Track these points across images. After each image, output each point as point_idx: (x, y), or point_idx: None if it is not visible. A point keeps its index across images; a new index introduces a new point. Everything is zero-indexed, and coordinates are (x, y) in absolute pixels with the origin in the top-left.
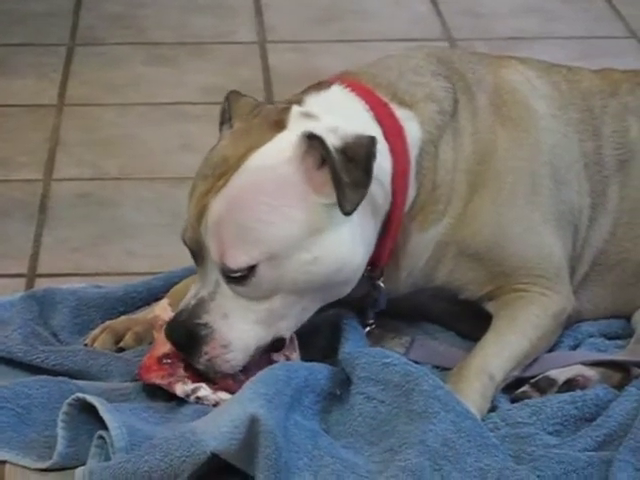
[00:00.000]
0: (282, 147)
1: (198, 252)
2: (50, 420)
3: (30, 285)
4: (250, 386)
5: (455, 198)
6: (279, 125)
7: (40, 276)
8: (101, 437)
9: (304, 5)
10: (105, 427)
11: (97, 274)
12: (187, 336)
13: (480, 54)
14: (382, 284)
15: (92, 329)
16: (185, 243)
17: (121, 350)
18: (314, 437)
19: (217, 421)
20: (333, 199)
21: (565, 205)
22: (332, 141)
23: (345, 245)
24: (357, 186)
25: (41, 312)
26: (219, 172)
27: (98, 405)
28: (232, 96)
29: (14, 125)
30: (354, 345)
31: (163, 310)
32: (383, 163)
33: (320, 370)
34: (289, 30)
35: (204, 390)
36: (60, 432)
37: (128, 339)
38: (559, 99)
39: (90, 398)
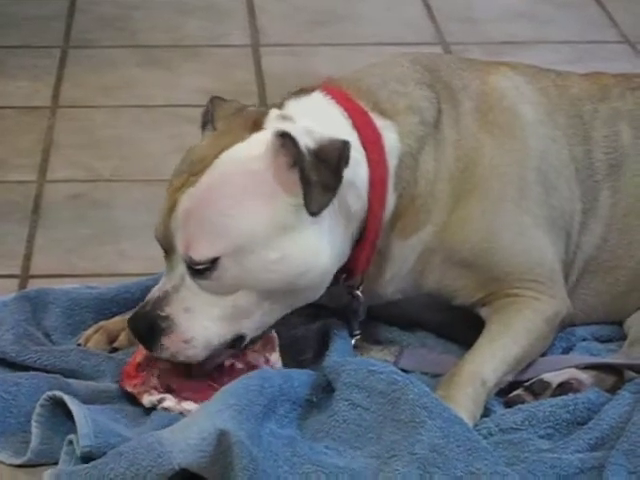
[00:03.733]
0: (255, 145)
1: (167, 246)
2: (33, 412)
3: (23, 286)
4: (220, 397)
5: (437, 207)
6: (256, 126)
7: (33, 277)
8: (71, 443)
9: (297, 8)
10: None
11: (90, 275)
12: (147, 327)
13: (469, 60)
14: (360, 294)
15: (85, 330)
16: (156, 238)
17: (115, 350)
18: (292, 444)
19: (185, 433)
20: (301, 199)
21: (555, 210)
22: (306, 142)
23: (311, 248)
24: (325, 188)
25: (34, 313)
26: (194, 169)
27: (67, 399)
28: (215, 100)
29: (8, 127)
30: (340, 355)
31: None
32: (359, 170)
33: (296, 377)
34: (282, 33)
35: (169, 401)
36: (34, 430)
37: (122, 339)
38: (547, 105)
39: (60, 394)
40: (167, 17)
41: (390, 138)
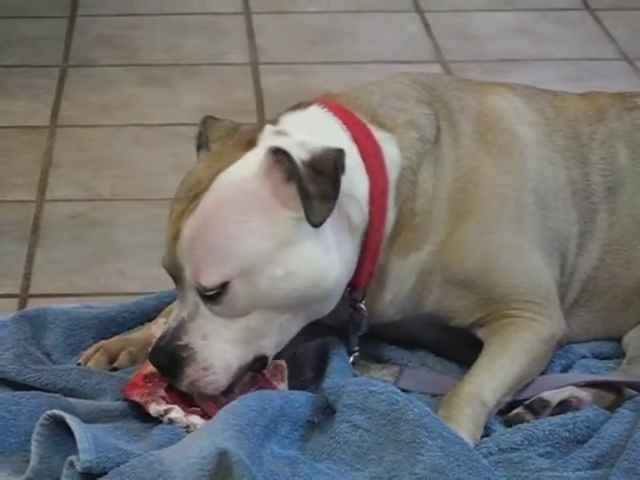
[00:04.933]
0: (249, 163)
1: (176, 274)
2: (33, 431)
3: (22, 305)
4: (221, 416)
5: (435, 226)
6: (250, 144)
7: (32, 296)
8: (71, 465)
9: (296, 27)
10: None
11: (89, 294)
12: (169, 358)
13: (467, 81)
14: (364, 307)
15: (84, 349)
16: (164, 267)
17: (114, 370)
18: (293, 464)
19: (186, 452)
20: (301, 213)
21: (552, 232)
22: (299, 154)
23: (317, 260)
24: (325, 198)
25: (33, 332)
26: (192, 194)
27: (66, 417)
28: (208, 121)
29: (7, 146)
30: (340, 376)
31: (159, 328)
32: (358, 181)
33: (297, 398)
34: (281, 52)
35: (176, 412)
36: (33, 449)
37: (122, 359)
38: (545, 126)
39: (60, 413)
40: (166, 36)
41: (390, 151)
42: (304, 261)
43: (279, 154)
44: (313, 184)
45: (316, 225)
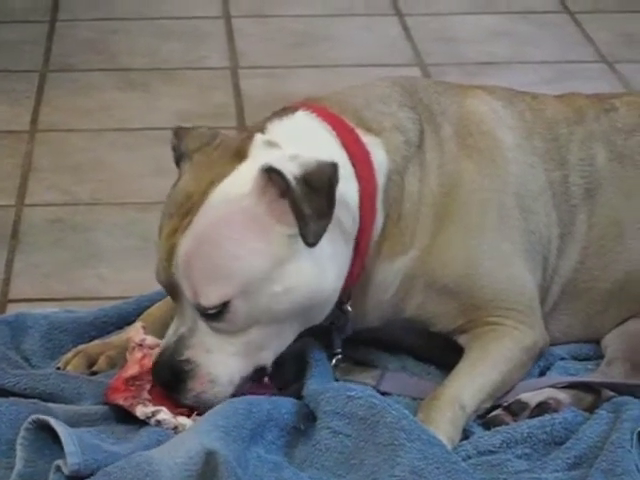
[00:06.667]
0: (243, 179)
1: (172, 292)
2: (16, 439)
3: (1, 310)
4: (208, 418)
5: (421, 230)
6: (240, 155)
7: (12, 301)
8: (58, 469)
9: (275, 31)
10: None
11: (69, 299)
12: (172, 374)
13: (446, 84)
14: (349, 308)
15: (63, 354)
16: (159, 283)
17: (94, 374)
18: (277, 469)
19: (173, 452)
20: (296, 229)
21: (534, 235)
22: (292, 170)
23: (315, 273)
24: (320, 216)
25: (12, 337)
26: (184, 210)
27: (52, 421)
28: (181, 131)
29: None
30: (320, 381)
31: (136, 332)
32: (349, 188)
33: (284, 404)
34: (261, 56)
35: (164, 414)
36: (19, 454)
37: (101, 363)
38: (524, 128)
39: (44, 417)
40: (146, 40)
41: (378, 154)
42: (302, 276)
43: (272, 173)
44: (307, 202)
45: (312, 245)
